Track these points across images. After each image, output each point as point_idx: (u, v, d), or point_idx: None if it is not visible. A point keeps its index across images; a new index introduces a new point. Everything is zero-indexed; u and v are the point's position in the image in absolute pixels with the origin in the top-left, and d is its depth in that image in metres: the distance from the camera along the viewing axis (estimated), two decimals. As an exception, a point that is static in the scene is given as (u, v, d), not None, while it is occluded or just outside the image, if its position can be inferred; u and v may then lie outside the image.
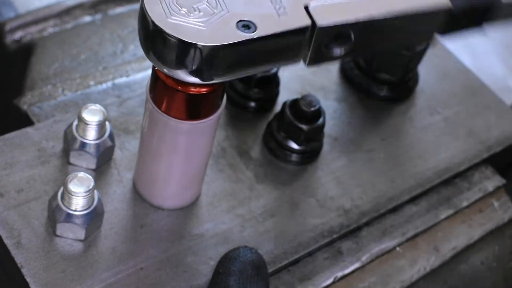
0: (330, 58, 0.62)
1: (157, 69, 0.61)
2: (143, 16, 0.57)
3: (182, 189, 0.72)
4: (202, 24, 0.57)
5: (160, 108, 0.64)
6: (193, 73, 0.57)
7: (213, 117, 0.65)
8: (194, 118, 0.64)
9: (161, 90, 0.63)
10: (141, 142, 0.70)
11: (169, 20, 0.56)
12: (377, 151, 0.83)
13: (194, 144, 0.67)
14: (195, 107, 0.63)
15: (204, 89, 0.62)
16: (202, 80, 0.58)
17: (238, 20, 0.57)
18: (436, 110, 0.89)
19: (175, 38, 0.56)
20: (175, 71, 0.58)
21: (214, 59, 0.57)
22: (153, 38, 0.57)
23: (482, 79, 0.94)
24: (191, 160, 0.69)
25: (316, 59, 0.61)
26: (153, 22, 0.56)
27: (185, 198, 0.73)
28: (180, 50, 0.56)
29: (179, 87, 0.61)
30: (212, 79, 0.59)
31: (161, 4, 0.57)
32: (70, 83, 0.83)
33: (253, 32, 0.57)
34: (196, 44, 0.56)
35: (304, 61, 0.61)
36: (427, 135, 0.86)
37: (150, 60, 0.59)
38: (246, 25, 0.57)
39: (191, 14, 0.57)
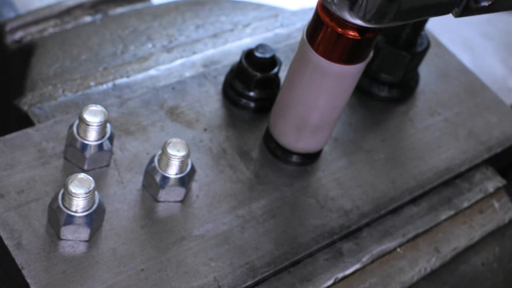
0: (477, 10, 0.66)
1: (322, 13, 0.67)
2: None
3: (317, 132, 0.76)
4: None
5: (316, 50, 0.70)
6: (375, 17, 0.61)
7: (361, 65, 0.70)
8: (346, 62, 0.70)
9: (323, 35, 0.68)
10: (286, 86, 0.75)
11: None
12: (377, 151, 0.83)
13: (339, 88, 0.72)
14: (350, 52, 0.69)
15: (365, 35, 0.66)
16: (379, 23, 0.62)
17: None
18: (436, 110, 0.89)
19: None
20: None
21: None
22: None
23: (482, 79, 0.94)
24: (332, 104, 0.74)
25: (465, 11, 0.65)
26: None
27: (317, 142, 0.77)
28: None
29: (339, 30, 0.67)
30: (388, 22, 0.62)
31: None
32: (70, 83, 0.83)
33: None
34: None
35: (453, 13, 0.65)
36: (427, 136, 0.86)
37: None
38: None
39: None
